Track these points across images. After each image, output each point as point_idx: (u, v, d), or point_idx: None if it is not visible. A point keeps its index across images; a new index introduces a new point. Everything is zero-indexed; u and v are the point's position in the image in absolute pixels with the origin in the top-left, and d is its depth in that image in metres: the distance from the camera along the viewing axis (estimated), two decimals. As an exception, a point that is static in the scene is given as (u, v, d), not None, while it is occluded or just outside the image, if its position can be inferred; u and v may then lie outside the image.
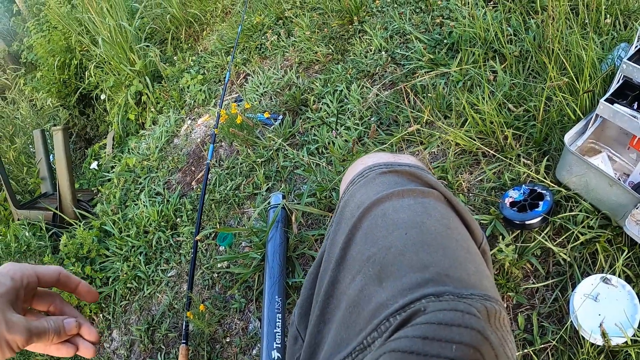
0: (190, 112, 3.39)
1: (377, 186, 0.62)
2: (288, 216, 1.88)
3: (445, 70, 2.06)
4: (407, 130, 1.85)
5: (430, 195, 0.60)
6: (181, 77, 3.59)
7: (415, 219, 0.55)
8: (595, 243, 1.31)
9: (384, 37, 2.55)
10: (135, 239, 2.49)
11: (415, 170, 0.65)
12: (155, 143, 3.21)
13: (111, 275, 2.46)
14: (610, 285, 1.19)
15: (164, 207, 2.55)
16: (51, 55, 4.77)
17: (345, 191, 0.67)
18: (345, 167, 1.92)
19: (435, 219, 0.55)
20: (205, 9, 4.41)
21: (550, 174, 1.52)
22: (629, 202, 1.22)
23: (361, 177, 0.66)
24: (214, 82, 3.44)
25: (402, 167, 0.65)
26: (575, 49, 1.72)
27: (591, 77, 1.61)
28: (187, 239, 2.34)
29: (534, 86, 1.81)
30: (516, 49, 2.03)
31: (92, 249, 2.52)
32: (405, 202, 0.58)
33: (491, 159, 1.69)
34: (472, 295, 0.44)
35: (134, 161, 3.14)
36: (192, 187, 2.70)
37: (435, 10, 2.54)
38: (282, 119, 2.54)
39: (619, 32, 1.89)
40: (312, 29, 3.05)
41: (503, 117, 1.72)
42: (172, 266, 2.29)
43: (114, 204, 2.86)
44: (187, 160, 2.93)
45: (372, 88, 2.33)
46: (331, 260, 0.58)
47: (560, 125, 1.61)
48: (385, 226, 0.55)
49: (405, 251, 0.51)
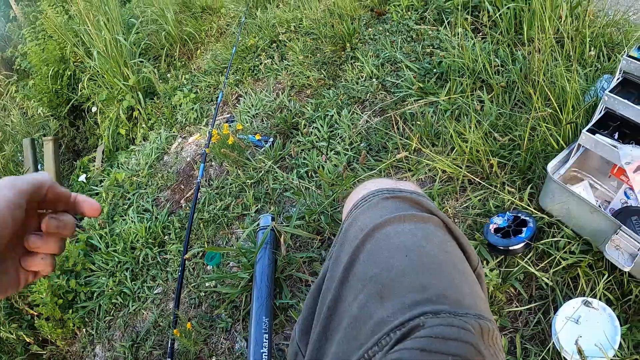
0: (182, 130, 3.43)
1: (380, 210, 0.67)
2: (277, 238, 1.92)
3: (434, 100, 2.14)
4: (396, 157, 1.92)
5: (430, 221, 0.65)
6: (174, 94, 3.64)
7: (415, 242, 0.60)
8: (576, 268, 1.38)
9: (375, 64, 2.64)
10: (122, 254, 2.50)
11: (416, 197, 0.70)
12: (145, 159, 3.24)
13: (96, 290, 2.46)
14: (591, 308, 1.25)
15: (152, 224, 2.57)
16: (45, 64, 4.81)
17: (349, 214, 0.72)
18: (335, 191, 1.97)
19: (434, 244, 0.61)
20: (200, 28, 4.50)
21: (534, 201, 1.59)
22: (609, 228, 1.29)
23: (365, 201, 0.71)
24: (206, 102, 3.50)
25: (404, 194, 0.70)
26: (559, 81, 1.81)
27: (574, 108, 1.70)
28: (175, 257, 2.35)
29: (519, 116, 1.89)
30: (503, 79, 2.12)
31: (78, 262, 2.52)
32: (406, 226, 0.63)
33: (477, 186, 1.76)
34: (467, 314, 0.49)
35: (123, 176, 3.16)
36: (181, 205, 2.72)
37: (425, 40, 2.64)
38: (273, 142, 2.59)
39: (603, 64, 1.99)
40: (305, 53, 3.14)
41: (489, 145, 1.79)
42: (159, 283, 2.31)
43: (102, 219, 2.87)
44: (176, 178, 2.96)
45: (362, 114, 2.40)
46: (334, 279, 0.62)
47: (544, 154, 1.69)
48: (387, 248, 0.60)
49: (406, 272, 0.56)
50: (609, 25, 2.19)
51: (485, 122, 1.89)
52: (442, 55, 2.36)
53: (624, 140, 1.46)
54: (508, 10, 2.37)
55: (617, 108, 1.45)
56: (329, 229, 1.90)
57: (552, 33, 2.03)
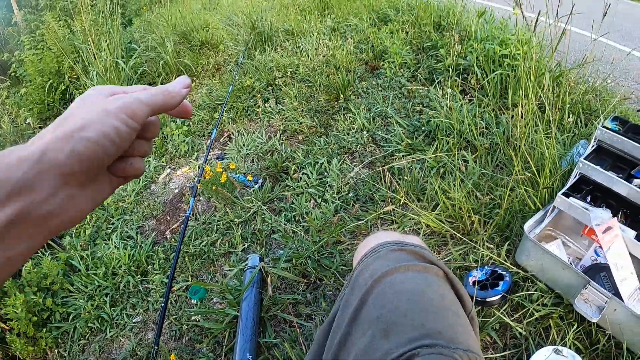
0: (171, 161, 3.50)
1: (387, 261, 0.80)
2: (263, 278, 1.99)
3: (422, 157, 2.29)
4: (384, 209, 2.03)
5: (430, 270, 0.77)
6: (166, 124, 3.72)
7: (417, 288, 0.73)
8: (548, 319, 1.53)
9: (367, 117, 2.80)
10: (103, 279, 2.51)
11: (419, 250, 0.83)
12: (132, 186, 3.28)
13: (72, 311, 2.44)
14: (561, 355, 1.38)
15: (136, 251, 2.60)
16: (40, 74, 4.85)
17: (359, 263, 0.85)
18: (322, 237, 2.06)
19: (433, 290, 0.73)
20: (197, 62, 4.65)
21: (511, 257, 1.73)
22: (579, 283, 1.44)
23: (374, 252, 0.84)
24: (198, 136, 3.59)
25: (409, 247, 0.83)
26: (539, 146, 1.98)
27: (551, 173, 1.87)
28: (157, 287, 2.38)
29: (500, 177, 2.04)
30: (487, 141, 2.29)
31: (57, 281, 2.51)
32: (409, 275, 0.75)
33: (458, 241, 1.88)
34: (457, 348, 0.62)
35: (109, 200, 3.19)
36: (166, 236, 2.76)
37: (416, 98, 2.82)
38: (262, 183, 2.69)
39: (580, 130, 2.19)
40: (300, 100, 3.28)
41: (471, 204, 1.93)
42: (139, 312, 2.32)
43: (84, 240, 2.87)
44: (163, 208, 3.01)
45: (352, 165, 2.53)
46: (345, 318, 0.74)
47: (522, 214, 1.84)
48: (392, 293, 0.72)
49: (408, 313, 0.68)
50: (587, 92, 2.41)
51: (468, 181, 2.04)
52: (431, 115, 2.53)
53: (595, 203, 1.64)
54: (495, 76, 2.57)
55: (590, 174, 1.64)
56: (315, 273, 1.99)
57: (535, 100, 2.22)
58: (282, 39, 4.32)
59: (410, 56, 3.26)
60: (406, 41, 3.50)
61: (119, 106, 0.41)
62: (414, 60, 3.25)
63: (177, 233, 2.73)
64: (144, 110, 0.43)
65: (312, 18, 4.61)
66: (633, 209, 1.61)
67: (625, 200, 1.59)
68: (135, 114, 0.42)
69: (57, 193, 0.36)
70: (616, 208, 1.63)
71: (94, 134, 0.38)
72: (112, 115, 0.40)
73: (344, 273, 1.96)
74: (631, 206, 1.60)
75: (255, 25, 4.38)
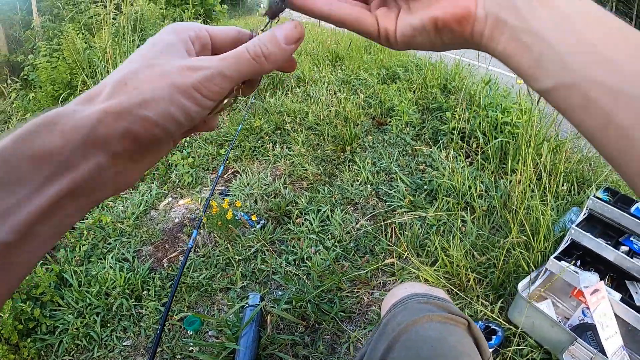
0: (173, 190, 3.56)
1: (414, 312, 0.91)
2: (263, 316, 2.05)
3: (423, 215, 2.40)
4: (385, 261, 2.13)
5: (452, 320, 0.89)
6: (172, 153, 3.80)
7: (439, 336, 0.84)
8: None
9: (371, 171, 2.93)
10: (95, 297, 2.51)
11: (443, 302, 0.94)
12: (132, 209, 3.32)
13: (60, 325, 2.42)
14: None
15: (132, 275, 2.62)
16: (52, 83, 4.86)
17: (388, 312, 0.96)
18: (323, 282, 2.15)
19: (455, 338, 0.85)
20: (205, 95, 4.75)
21: (503, 314, 1.87)
22: (567, 340, 1.58)
23: (402, 304, 0.95)
24: (203, 169, 3.68)
25: (434, 300, 0.95)
26: (535, 212, 2.12)
27: (545, 238, 2.00)
28: (151, 314, 2.41)
29: (496, 239, 2.16)
30: (485, 204, 2.43)
31: (47, 292, 2.50)
32: (433, 324, 0.87)
33: (454, 296, 1.99)
34: None
35: (108, 220, 3.22)
36: (163, 264, 2.80)
37: (419, 157, 2.97)
38: (264, 224, 2.77)
39: (573, 197, 2.34)
40: (307, 146, 3.42)
41: (468, 262, 2.06)
42: (129, 336, 2.33)
43: (79, 255, 2.88)
44: (161, 236, 3.05)
45: (354, 215, 2.63)
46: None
47: (516, 274, 1.98)
48: (417, 340, 0.83)
49: (431, 358, 0.78)
50: (582, 161, 2.57)
51: (467, 241, 2.16)
52: (434, 175, 2.67)
53: (584, 267, 1.82)
54: (496, 141, 2.73)
55: (581, 240, 1.82)
56: (314, 317, 2.06)
57: (532, 167, 2.38)
58: (294, 84, 4.50)
59: (416, 115, 3.44)
60: (413, 100, 3.68)
61: (194, 82, 0.35)
62: (419, 120, 3.43)
63: (175, 262, 2.77)
64: (226, 86, 0.36)
65: (323, 67, 4.82)
66: (619, 273, 1.77)
67: (613, 265, 1.75)
68: (213, 92, 0.36)
69: (105, 171, 0.33)
70: (604, 272, 1.80)
71: (156, 114, 0.33)
72: (183, 94, 0.34)
73: (343, 319, 2.04)
74: (618, 271, 1.76)
75: (268, 68, 4.55)
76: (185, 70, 0.35)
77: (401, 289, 1.02)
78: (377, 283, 2.21)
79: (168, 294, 2.44)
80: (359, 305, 2.12)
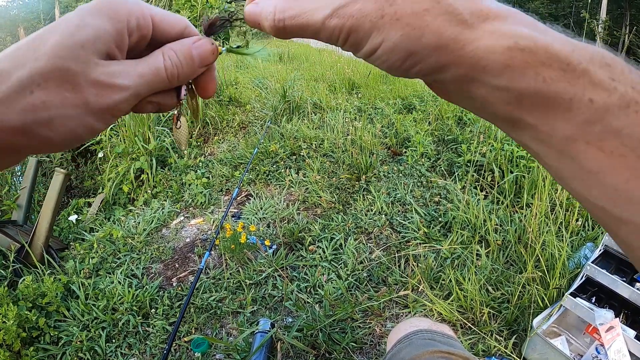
0: (185, 209, 3.59)
1: (417, 347, 0.95)
2: (273, 343, 2.04)
3: (438, 247, 2.40)
4: (399, 293, 2.13)
5: (454, 354, 0.92)
6: (186, 172, 3.84)
7: None
8: None
9: (386, 201, 2.96)
10: (102, 311, 2.51)
11: (447, 339, 0.98)
12: (144, 225, 3.33)
13: (64, 337, 2.42)
14: None
15: (140, 292, 2.62)
16: None
17: (394, 347, 1.01)
18: (335, 311, 2.18)
19: None
20: (223, 116, 4.83)
21: (517, 350, 1.88)
22: None
23: (407, 339, 1.00)
24: (217, 190, 3.71)
25: (439, 336, 0.99)
26: (550, 247, 2.12)
27: (561, 274, 2.00)
28: (158, 333, 2.40)
29: (511, 274, 2.16)
30: (499, 238, 2.44)
31: (54, 302, 2.50)
32: (435, 358, 0.90)
33: (467, 330, 1.98)
34: None
35: (119, 234, 3.23)
36: (172, 283, 2.80)
37: (434, 188, 2.98)
38: (276, 249, 2.78)
39: (587, 232, 2.34)
40: (322, 174, 3.46)
41: (483, 297, 2.06)
42: (134, 353, 2.33)
43: (87, 268, 2.89)
44: (172, 254, 3.06)
45: (367, 244, 2.64)
46: None
47: (530, 310, 1.98)
48: None
49: None
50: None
51: (481, 275, 2.16)
52: (449, 207, 2.68)
53: (599, 304, 1.82)
54: (510, 175, 2.75)
55: (596, 276, 1.83)
56: (325, 346, 2.05)
57: (548, 202, 2.39)
58: (310, 110, 4.55)
59: (431, 146, 3.47)
60: (429, 132, 3.72)
61: (109, 105, 0.32)
62: (435, 151, 3.46)
63: (184, 282, 2.78)
64: (134, 104, 0.34)
65: (339, 94, 4.89)
66: (634, 310, 1.79)
67: (627, 302, 1.76)
68: (123, 112, 0.34)
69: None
70: (618, 309, 1.81)
71: (59, 136, 0.31)
72: (95, 115, 0.32)
73: (355, 350, 2.03)
74: (632, 308, 1.78)
75: (286, 93, 4.63)
76: (102, 89, 0.31)
77: (407, 324, 1.05)
78: (390, 315, 2.21)
79: (176, 313, 2.44)
80: (371, 336, 2.11)
